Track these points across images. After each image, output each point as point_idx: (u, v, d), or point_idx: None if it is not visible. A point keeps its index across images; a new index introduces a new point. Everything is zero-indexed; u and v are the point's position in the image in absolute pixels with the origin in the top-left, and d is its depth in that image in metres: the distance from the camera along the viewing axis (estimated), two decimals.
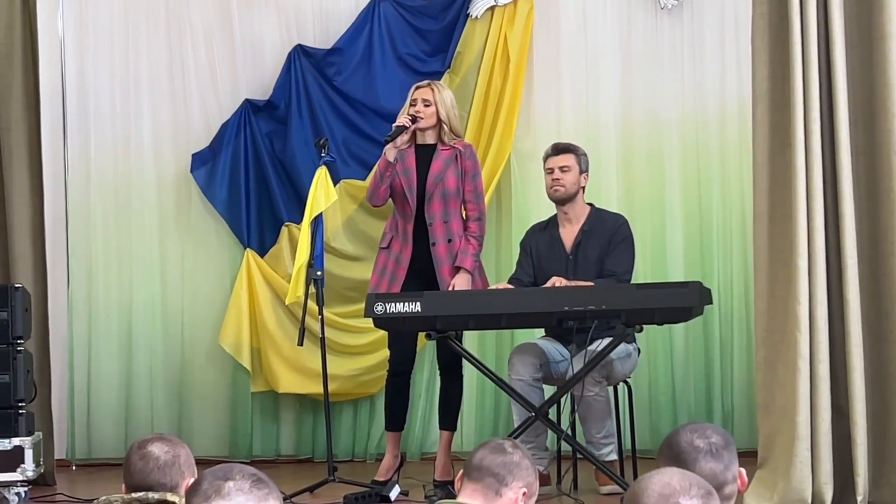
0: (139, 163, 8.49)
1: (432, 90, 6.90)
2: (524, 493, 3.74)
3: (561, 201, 6.75)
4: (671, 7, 7.94)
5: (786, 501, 5.35)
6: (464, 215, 6.91)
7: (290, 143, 8.25)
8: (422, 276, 6.79)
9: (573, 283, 6.41)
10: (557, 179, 6.71)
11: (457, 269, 6.76)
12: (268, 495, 2.87)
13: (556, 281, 6.43)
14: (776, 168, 5.53)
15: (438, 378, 7.11)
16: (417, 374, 7.69)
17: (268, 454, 8.26)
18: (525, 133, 8.11)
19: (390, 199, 6.91)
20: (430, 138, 6.90)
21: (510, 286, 6.59)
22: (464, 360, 6.80)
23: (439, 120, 6.86)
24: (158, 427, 8.12)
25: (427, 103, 6.85)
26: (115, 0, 8.45)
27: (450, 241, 6.80)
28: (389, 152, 6.79)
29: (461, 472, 3.82)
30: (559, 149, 6.79)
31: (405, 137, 6.81)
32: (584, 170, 6.75)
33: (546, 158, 6.81)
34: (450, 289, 6.66)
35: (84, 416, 8.41)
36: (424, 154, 6.88)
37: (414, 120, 6.79)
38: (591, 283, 6.43)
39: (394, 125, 6.85)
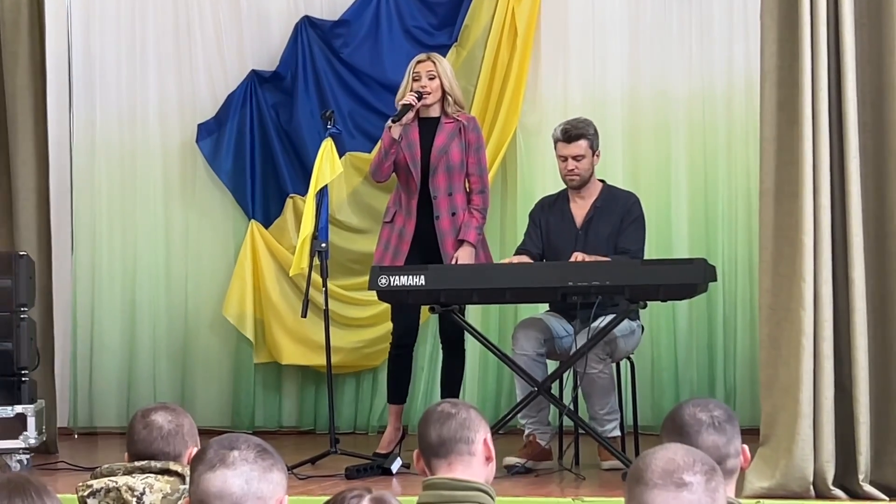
0: (144, 132, 8.50)
1: (434, 63, 6.91)
2: (488, 437, 3.78)
3: (576, 188, 6.73)
4: None
5: (787, 479, 5.36)
6: (467, 188, 6.91)
7: (295, 115, 8.26)
8: (425, 249, 6.80)
9: (593, 258, 6.40)
10: (572, 170, 6.67)
11: (460, 243, 6.77)
12: (272, 466, 2.88)
13: (578, 256, 6.42)
14: (783, 145, 5.53)
15: (441, 352, 7.12)
16: (420, 348, 7.70)
17: (270, 425, 8.28)
18: (531, 107, 8.11)
19: (393, 174, 6.91)
20: (433, 112, 6.90)
21: (525, 259, 6.58)
22: (466, 335, 6.81)
23: (444, 92, 6.86)
24: (161, 396, 8.14)
25: (431, 75, 6.85)
26: None
27: (453, 214, 6.80)
28: (394, 129, 6.78)
29: (417, 451, 3.81)
30: (571, 135, 6.67)
31: (411, 115, 6.80)
32: (595, 150, 6.72)
33: (557, 143, 6.73)
34: (453, 262, 6.66)
35: (87, 384, 8.44)
36: (428, 127, 6.87)
37: (420, 97, 6.79)
38: (608, 259, 6.43)
39: (400, 103, 6.83)
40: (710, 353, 7.85)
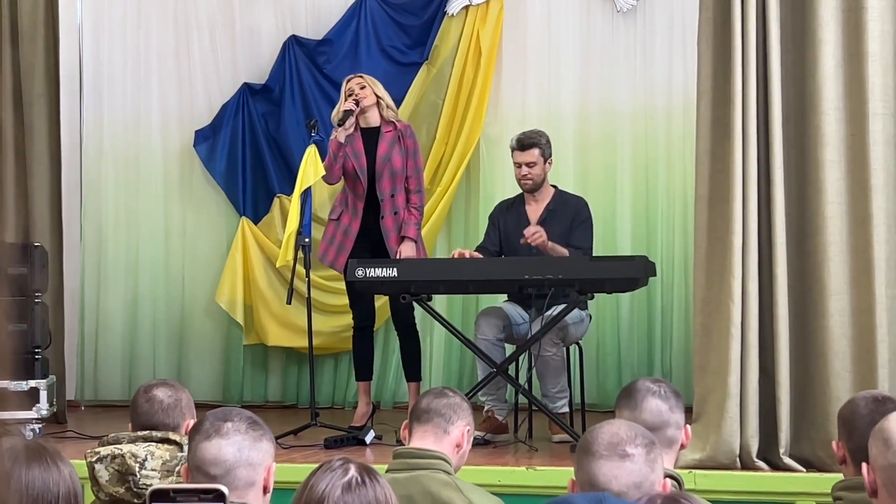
0: (147, 137, 8.49)
1: (361, 77, 6.97)
2: (468, 430, 3.81)
3: (530, 191, 6.74)
4: (626, 10, 7.95)
5: (717, 452, 5.38)
6: (406, 188, 6.91)
7: (283, 124, 8.25)
8: (371, 245, 6.81)
9: (552, 245, 6.40)
10: (526, 175, 6.68)
11: (402, 239, 6.79)
12: (262, 436, 2.89)
13: (531, 229, 6.42)
14: (716, 157, 5.55)
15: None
16: (393, 332, 7.70)
17: (257, 400, 8.27)
18: (493, 119, 8.12)
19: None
20: (373, 121, 6.90)
21: (477, 254, 6.59)
22: (431, 321, 6.81)
23: (377, 98, 6.87)
24: (160, 373, 8.13)
25: (361, 86, 6.88)
26: None
27: (395, 213, 6.83)
28: (340, 134, 6.79)
29: (405, 422, 3.86)
30: (524, 144, 6.66)
31: (352, 120, 6.81)
32: (547, 157, 6.72)
33: (513, 151, 6.72)
34: (397, 255, 6.70)
35: (93, 362, 8.42)
36: (370, 137, 6.88)
37: (358, 103, 6.81)
38: (565, 249, 6.44)
39: (342, 109, 6.84)
40: (649, 340, 7.88)
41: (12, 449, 2.51)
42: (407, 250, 6.75)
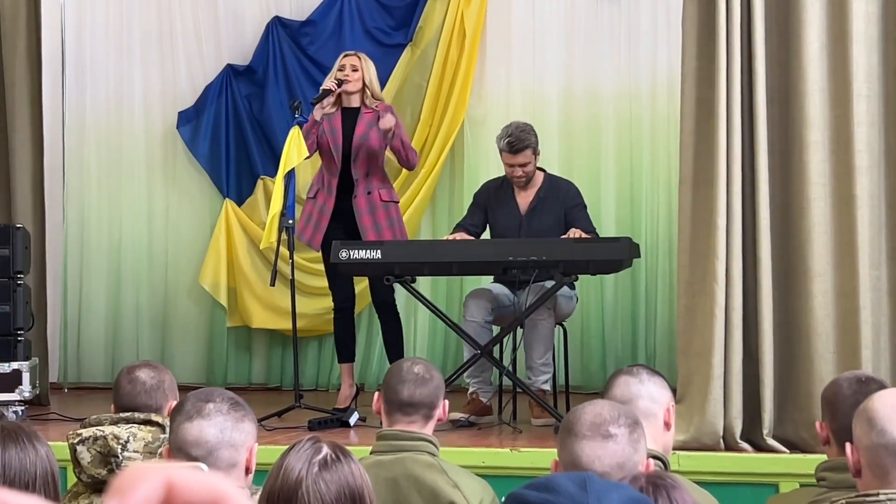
0: (130, 119, 8.45)
1: (359, 59, 6.88)
2: (446, 403, 3.82)
3: (523, 186, 6.71)
4: None
5: (701, 433, 5.39)
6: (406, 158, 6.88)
7: (266, 105, 8.22)
8: (345, 224, 6.77)
9: (583, 235, 6.34)
10: (520, 175, 6.62)
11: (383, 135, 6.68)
12: (244, 417, 2.88)
13: (575, 233, 6.38)
14: (700, 138, 5.54)
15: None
16: (375, 314, 7.71)
17: (241, 382, 8.25)
18: (477, 101, 8.10)
19: (318, 155, 6.89)
20: (354, 102, 6.86)
21: (465, 235, 6.57)
22: (415, 303, 6.79)
23: (364, 85, 6.84)
24: (143, 355, 8.10)
25: (355, 68, 6.82)
26: None
27: (369, 193, 6.78)
28: (316, 111, 6.77)
29: (378, 393, 3.83)
30: (516, 148, 6.53)
31: (331, 99, 6.78)
32: (538, 152, 6.68)
33: (503, 153, 6.61)
34: (380, 126, 6.60)
35: (75, 344, 8.39)
36: (350, 117, 6.84)
37: (340, 84, 6.77)
38: (589, 235, 6.40)
39: (321, 88, 6.82)
40: (633, 321, 7.88)
41: None
42: (387, 120, 6.64)
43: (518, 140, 6.56)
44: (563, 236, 6.39)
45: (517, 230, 6.60)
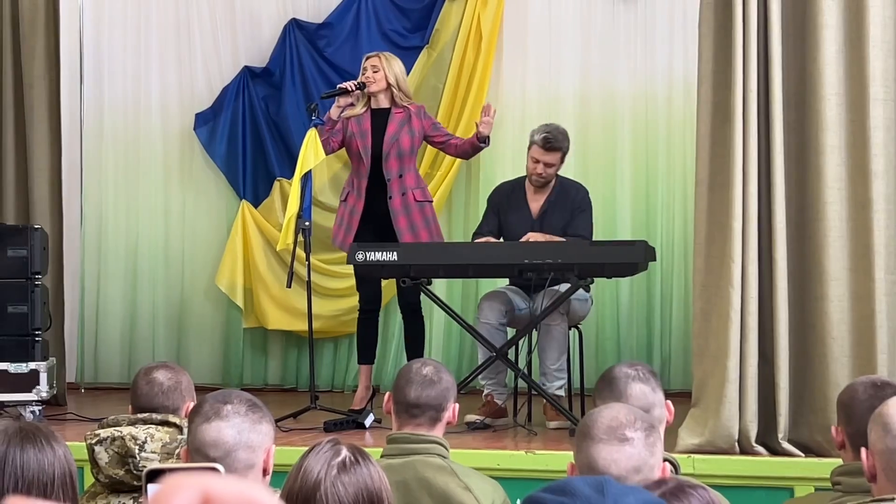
0: (147, 120, 8.47)
1: (380, 58, 6.88)
2: (456, 406, 3.81)
3: (539, 187, 6.72)
4: None
5: (716, 437, 5.38)
6: (441, 143, 6.95)
7: (283, 107, 8.24)
8: (376, 226, 6.78)
9: (546, 237, 6.39)
10: (541, 174, 6.63)
11: (481, 140, 6.75)
12: (261, 419, 2.88)
13: (531, 236, 6.41)
14: (717, 141, 5.54)
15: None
16: (393, 315, 7.72)
17: (256, 383, 8.27)
18: (494, 103, 7.97)
19: (348, 159, 6.91)
20: (383, 102, 6.87)
21: (491, 239, 6.57)
22: (431, 305, 6.80)
23: (388, 84, 6.84)
24: (159, 356, 8.12)
25: (375, 69, 6.82)
26: None
27: (403, 194, 6.79)
28: (333, 112, 6.78)
29: (389, 393, 3.83)
30: (551, 146, 6.58)
31: (348, 99, 6.77)
32: (564, 160, 6.68)
33: (533, 145, 6.63)
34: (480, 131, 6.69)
35: (92, 344, 8.41)
36: (380, 117, 6.85)
37: (359, 86, 6.77)
38: (562, 239, 6.42)
39: (337, 86, 6.84)
40: (648, 324, 7.88)
41: (6, 431, 2.50)
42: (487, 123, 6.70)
43: (555, 139, 6.61)
44: (521, 239, 6.41)
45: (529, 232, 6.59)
